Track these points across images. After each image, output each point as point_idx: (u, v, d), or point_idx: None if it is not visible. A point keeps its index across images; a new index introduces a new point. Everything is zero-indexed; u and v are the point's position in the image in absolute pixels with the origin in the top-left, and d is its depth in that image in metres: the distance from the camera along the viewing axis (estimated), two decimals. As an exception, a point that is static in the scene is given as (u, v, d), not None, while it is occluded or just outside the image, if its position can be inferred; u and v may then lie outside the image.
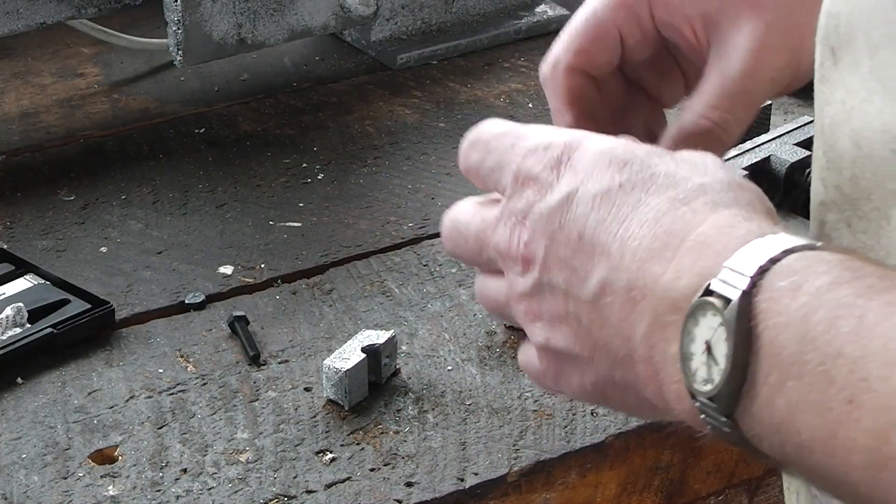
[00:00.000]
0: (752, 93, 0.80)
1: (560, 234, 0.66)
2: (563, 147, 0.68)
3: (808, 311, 0.56)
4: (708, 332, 0.59)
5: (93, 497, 0.90)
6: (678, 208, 0.64)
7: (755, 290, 0.58)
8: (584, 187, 0.67)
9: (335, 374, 0.97)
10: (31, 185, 1.22)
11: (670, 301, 0.61)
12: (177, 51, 1.28)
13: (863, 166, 0.61)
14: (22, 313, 1.02)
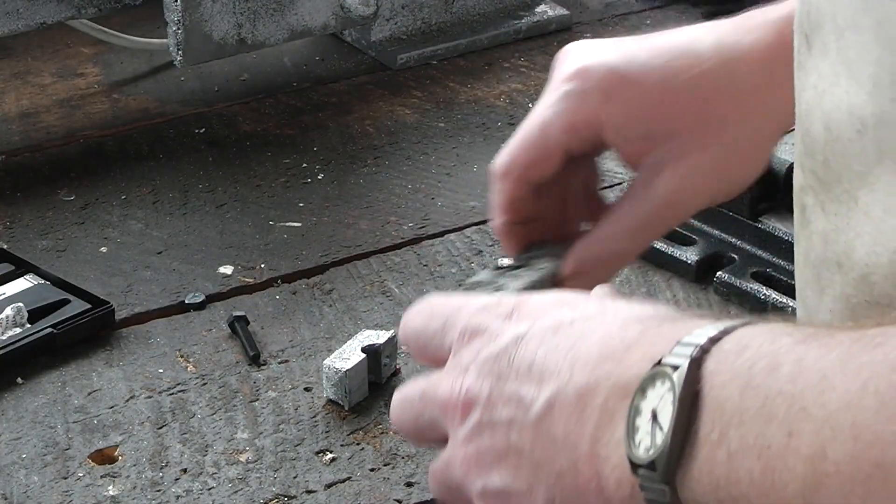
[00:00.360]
0: (657, 228, 0.88)
1: (507, 371, 0.67)
2: (515, 302, 0.70)
3: (752, 363, 0.58)
4: (655, 400, 0.60)
5: (93, 497, 0.90)
6: (629, 326, 0.66)
7: (705, 356, 0.59)
8: (534, 326, 0.69)
9: (335, 374, 0.97)
10: (31, 185, 1.22)
11: (621, 387, 0.62)
12: (177, 51, 1.28)
13: (833, 149, 0.62)
14: (22, 313, 1.02)
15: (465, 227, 1.17)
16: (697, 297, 1.10)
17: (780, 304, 1.07)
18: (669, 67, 0.88)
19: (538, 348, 0.67)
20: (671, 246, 1.13)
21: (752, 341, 0.59)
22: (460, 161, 1.27)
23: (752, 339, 0.60)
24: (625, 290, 1.10)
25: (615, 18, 1.52)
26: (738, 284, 1.09)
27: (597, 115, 0.87)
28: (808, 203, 0.66)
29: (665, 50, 0.88)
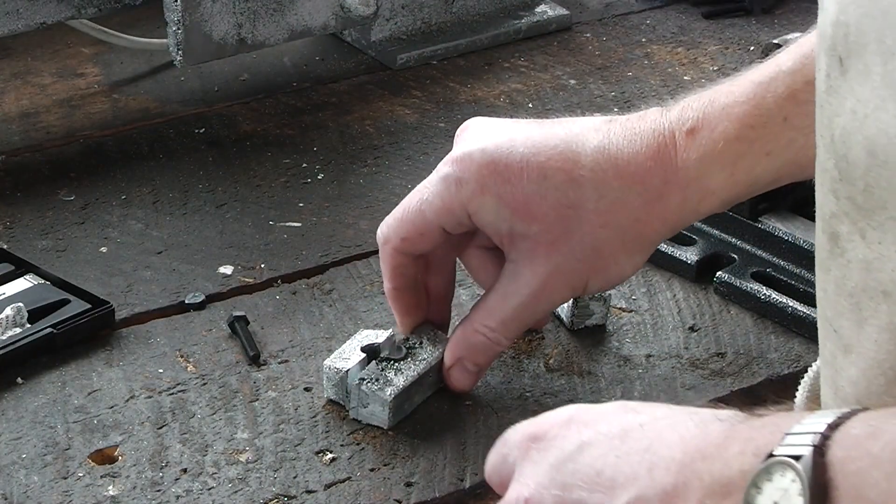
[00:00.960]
0: (526, 320, 0.96)
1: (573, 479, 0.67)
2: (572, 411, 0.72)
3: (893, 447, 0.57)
4: (776, 493, 0.59)
5: (93, 497, 0.90)
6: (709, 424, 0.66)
7: (827, 442, 0.59)
8: (599, 433, 0.69)
9: (335, 374, 0.97)
10: (31, 185, 1.22)
11: (722, 485, 0.61)
12: (177, 51, 1.28)
13: (878, 175, 0.61)
14: (22, 313, 1.02)
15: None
16: (697, 297, 1.10)
17: (780, 304, 1.07)
18: (545, 167, 0.92)
19: (607, 454, 0.66)
20: (671, 246, 1.13)
21: (884, 425, 0.58)
22: (460, 161, 1.27)
23: (882, 422, 0.58)
24: (625, 291, 1.10)
25: (615, 18, 1.52)
26: (738, 284, 1.09)
27: (469, 203, 0.93)
28: (841, 231, 0.64)
29: (549, 146, 0.92)
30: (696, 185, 0.89)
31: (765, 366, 1.04)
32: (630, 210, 0.91)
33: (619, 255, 0.92)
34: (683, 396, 1.00)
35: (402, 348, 0.98)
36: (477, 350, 0.96)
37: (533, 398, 0.99)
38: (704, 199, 0.90)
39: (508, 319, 0.95)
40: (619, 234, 0.91)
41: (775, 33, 1.46)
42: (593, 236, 0.91)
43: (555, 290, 0.93)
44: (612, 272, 0.93)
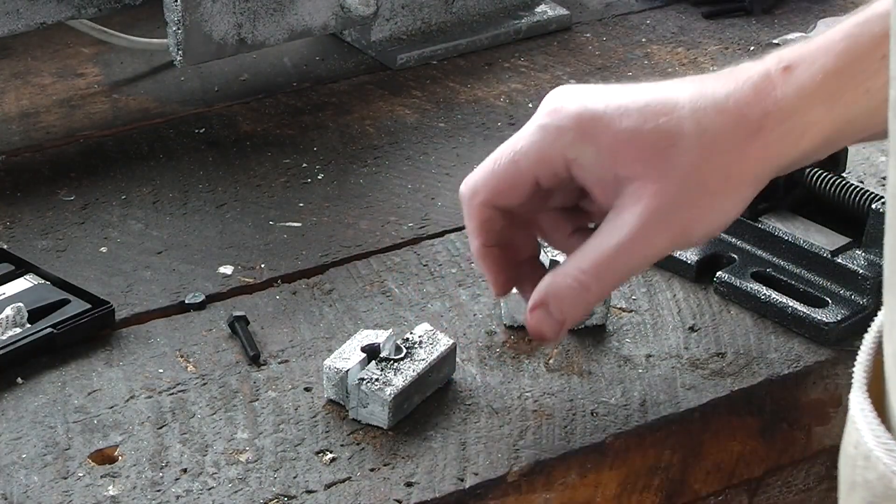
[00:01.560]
0: (621, 268, 0.91)
1: None
2: None
3: None
4: None
5: (93, 497, 0.90)
6: None
7: None
8: None
9: (335, 374, 0.97)
10: (31, 185, 1.22)
11: None
12: (177, 51, 1.28)
13: None
14: (22, 313, 1.02)
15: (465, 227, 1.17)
16: (697, 297, 1.10)
17: (780, 304, 1.07)
18: (644, 112, 0.90)
19: None
20: (671, 246, 1.13)
21: None
22: (460, 161, 1.27)
23: None
24: (625, 291, 1.10)
25: (615, 18, 1.52)
26: (738, 284, 1.09)
27: (568, 151, 0.90)
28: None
29: (644, 96, 0.90)
30: (796, 119, 0.88)
31: (765, 366, 1.04)
32: (731, 143, 0.88)
33: (722, 192, 0.90)
34: (683, 396, 1.00)
35: (402, 348, 0.98)
36: (564, 294, 0.91)
37: (533, 398, 1.00)
38: (805, 134, 0.89)
39: (602, 262, 0.90)
40: (721, 169, 0.89)
41: (775, 33, 1.46)
42: (696, 171, 0.89)
43: (656, 232, 0.89)
44: (716, 213, 0.90)
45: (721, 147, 0.88)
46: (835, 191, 1.11)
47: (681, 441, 1.00)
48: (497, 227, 0.94)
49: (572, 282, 0.91)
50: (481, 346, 1.04)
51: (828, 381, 1.05)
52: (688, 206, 0.89)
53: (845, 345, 1.06)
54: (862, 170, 1.26)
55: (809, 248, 1.09)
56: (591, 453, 0.96)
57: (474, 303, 1.08)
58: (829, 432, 1.08)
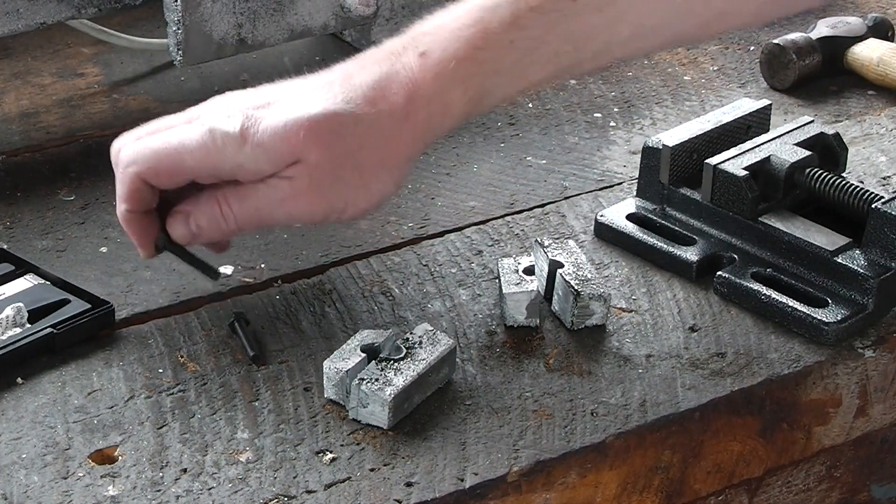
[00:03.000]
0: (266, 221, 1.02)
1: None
2: None
3: None
4: None
5: (93, 497, 0.90)
6: None
7: None
8: None
9: (335, 374, 0.97)
10: (31, 185, 1.22)
11: None
12: (177, 51, 1.28)
13: None
14: (22, 313, 1.02)
15: (465, 227, 1.17)
16: (697, 297, 1.10)
17: (780, 304, 1.07)
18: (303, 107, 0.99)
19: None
20: (671, 246, 1.13)
21: None
22: (460, 161, 1.27)
23: None
24: (625, 291, 1.10)
25: (615, 18, 1.52)
26: (738, 284, 1.09)
27: (237, 157, 0.98)
28: None
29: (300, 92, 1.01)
30: (436, 102, 0.98)
31: (765, 366, 1.04)
32: (384, 131, 0.98)
33: (377, 174, 0.99)
34: (683, 396, 1.00)
35: (402, 348, 0.99)
36: (206, 213, 1.00)
37: (533, 398, 1.00)
38: (446, 113, 0.99)
39: (252, 213, 0.99)
40: (375, 154, 0.98)
41: (775, 33, 1.46)
42: (351, 157, 0.98)
43: (309, 201, 0.98)
44: (371, 192, 0.99)
45: (374, 135, 0.98)
46: (835, 191, 1.11)
47: (681, 441, 1.00)
48: (146, 197, 1.01)
49: (217, 208, 1.00)
50: (481, 346, 1.04)
51: (828, 381, 1.05)
52: (342, 184, 0.98)
53: (845, 345, 1.06)
54: (862, 170, 1.26)
55: (809, 248, 1.09)
56: (591, 453, 0.96)
57: (474, 303, 1.08)
58: (829, 432, 1.08)
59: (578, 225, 1.18)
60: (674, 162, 1.15)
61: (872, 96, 1.40)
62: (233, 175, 0.99)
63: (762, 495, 1.08)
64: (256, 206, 0.99)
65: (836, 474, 1.11)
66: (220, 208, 0.99)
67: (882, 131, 1.33)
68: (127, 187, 1.01)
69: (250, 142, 0.97)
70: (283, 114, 0.97)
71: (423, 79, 0.98)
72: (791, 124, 1.18)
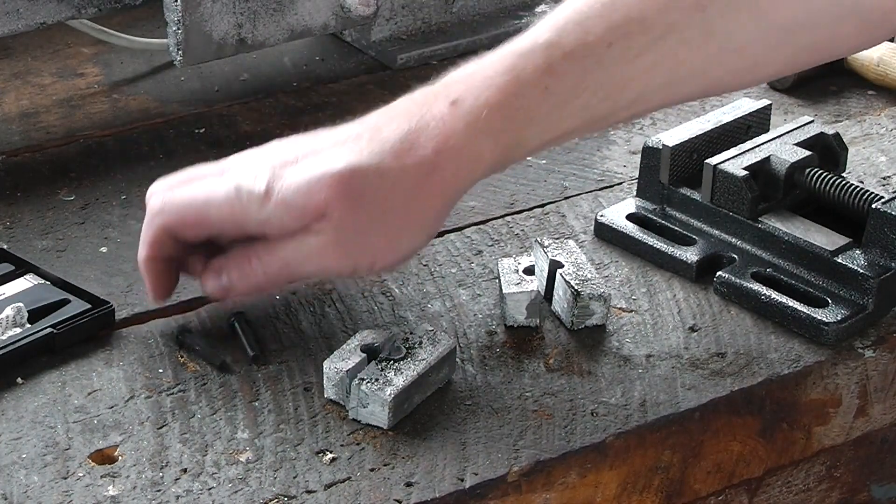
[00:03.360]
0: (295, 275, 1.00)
1: None
2: None
3: None
4: None
5: (93, 497, 0.90)
6: None
7: None
8: None
9: (335, 374, 0.97)
10: (31, 185, 1.22)
11: None
12: (177, 51, 1.28)
13: None
14: (22, 313, 1.02)
15: (465, 227, 1.17)
16: (697, 297, 1.10)
17: (780, 304, 1.07)
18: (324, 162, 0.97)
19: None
20: (671, 246, 1.13)
21: None
22: (460, 161, 1.27)
23: None
24: (625, 291, 1.10)
25: (615, 18, 1.52)
26: (738, 284, 1.09)
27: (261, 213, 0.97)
28: None
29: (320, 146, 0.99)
30: (465, 153, 0.95)
31: (765, 366, 1.04)
32: (410, 184, 0.96)
33: (405, 227, 0.97)
34: (683, 396, 1.00)
35: (402, 348, 0.99)
36: (237, 267, 0.99)
37: (533, 398, 1.00)
38: (476, 165, 0.96)
39: (282, 267, 0.98)
40: (402, 207, 0.96)
41: (775, 33, 1.46)
42: (378, 210, 0.96)
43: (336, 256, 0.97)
44: (401, 244, 0.98)
45: (401, 188, 0.95)
46: (835, 191, 1.11)
47: (681, 441, 1.00)
48: (168, 246, 1.01)
49: (248, 265, 0.99)
50: (481, 346, 1.04)
51: (828, 381, 1.05)
52: (369, 238, 0.96)
53: (845, 345, 1.06)
54: (862, 170, 1.26)
55: (809, 248, 1.09)
56: (591, 453, 0.96)
57: (474, 303, 1.08)
58: (829, 432, 1.08)
59: (578, 225, 1.18)
60: (674, 162, 1.15)
61: (872, 96, 1.40)
62: (259, 231, 0.98)
63: (762, 495, 1.08)
64: (285, 260, 0.97)
65: (836, 474, 1.11)
66: (250, 262, 0.99)
67: (882, 131, 1.33)
68: (151, 235, 1.00)
69: (274, 199, 0.95)
70: (308, 170, 0.95)
71: (454, 129, 0.95)
72: (791, 124, 1.18)
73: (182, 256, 1.02)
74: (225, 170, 1.00)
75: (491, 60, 0.98)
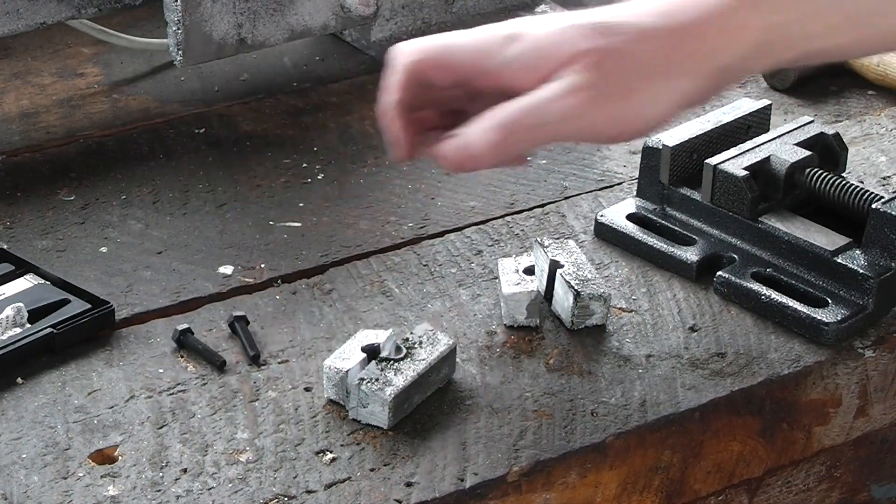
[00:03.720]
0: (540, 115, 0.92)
1: None
2: None
3: None
4: None
5: (93, 497, 0.90)
6: None
7: None
8: None
9: (335, 374, 0.97)
10: (31, 185, 1.22)
11: None
12: (177, 51, 1.28)
13: None
14: (22, 313, 1.02)
15: (465, 227, 1.17)
16: (697, 297, 1.10)
17: (780, 304, 1.07)
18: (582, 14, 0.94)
19: None
20: (671, 246, 1.13)
21: None
22: (460, 161, 1.27)
23: None
24: (625, 291, 1.10)
25: (615, 18, 1.52)
26: (738, 284, 1.09)
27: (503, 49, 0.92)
28: None
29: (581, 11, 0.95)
30: (731, 24, 0.92)
31: (765, 366, 1.04)
32: (668, 33, 0.91)
33: (661, 78, 0.92)
34: (683, 396, 1.00)
35: (402, 348, 0.99)
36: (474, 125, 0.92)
37: (533, 398, 1.00)
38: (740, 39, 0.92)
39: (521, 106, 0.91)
40: (660, 56, 0.91)
41: (775, 33, 1.46)
42: (633, 56, 0.91)
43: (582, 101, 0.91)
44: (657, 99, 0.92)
45: (657, 38, 0.91)
46: (835, 191, 1.11)
47: (681, 441, 1.00)
48: (416, 90, 0.95)
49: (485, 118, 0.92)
50: (481, 346, 1.04)
51: (828, 381, 1.05)
52: (624, 86, 0.91)
53: (845, 345, 1.06)
54: (862, 170, 1.26)
55: (809, 248, 1.09)
56: (591, 453, 0.96)
57: (474, 303, 1.08)
58: (829, 432, 1.08)
59: (578, 225, 1.18)
60: (674, 162, 1.15)
61: (872, 96, 1.40)
62: (502, 72, 0.92)
63: (762, 495, 1.08)
64: (530, 110, 0.91)
65: (836, 474, 1.11)
66: (492, 119, 0.91)
67: (882, 131, 1.33)
68: (398, 77, 0.94)
69: (524, 38, 0.92)
70: (561, 19, 0.92)
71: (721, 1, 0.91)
72: (791, 124, 1.18)
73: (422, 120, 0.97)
74: None
75: None
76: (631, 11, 0.92)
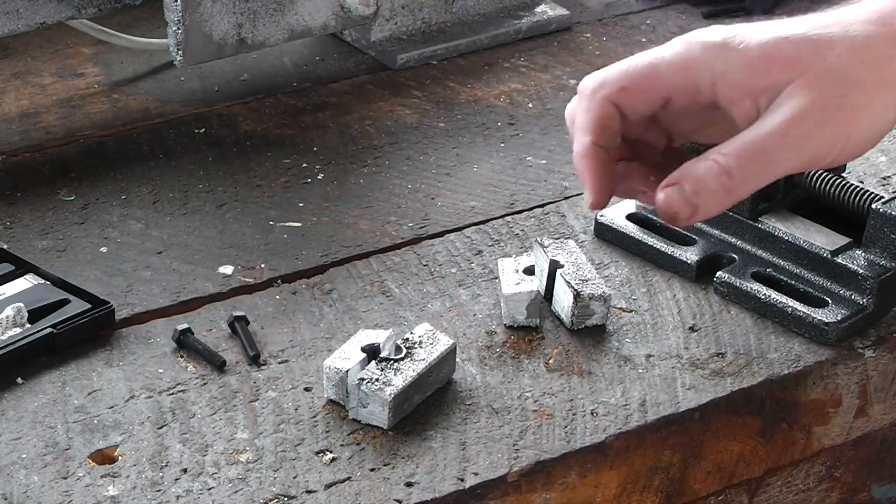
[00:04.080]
0: (769, 153, 0.86)
1: None
2: None
3: None
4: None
5: (93, 497, 0.90)
6: None
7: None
8: None
9: (335, 374, 0.97)
10: (31, 185, 1.22)
11: None
12: (177, 51, 1.28)
13: None
14: (22, 313, 1.02)
15: (465, 227, 1.17)
16: (697, 297, 1.10)
17: (780, 304, 1.07)
18: (787, 26, 0.89)
19: None
20: (671, 246, 1.13)
21: None
22: (460, 161, 1.27)
23: None
24: (625, 291, 1.10)
25: (615, 18, 1.52)
26: (738, 284, 1.09)
27: (717, 64, 0.87)
28: None
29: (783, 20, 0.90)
30: None
31: (765, 366, 1.04)
32: (881, 45, 0.88)
33: (879, 91, 0.88)
34: (683, 396, 1.00)
35: (402, 348, 0.99)
36: (701, 173, 0.87)
37: (533, 398, 1.00)
38: None
39: (750, 148, 0.86)
40: (875, 69, 0.88)
41: (775, 33, 1.46)
42: (850, 71, 0.87)
43: (812, 126, 0.86)
44: (875, 114, 0.88)
45: (872, 49, 0.87)
46: (835, 191, 1.11)
47: (681, 441, 1.00)
48: (613, 128, 0.89)
49: (711, 163, 0.86)
50: (481, 346, 1.04)
51: (828, 381, 1.05)
52: (846, 104, 0.87)
53: (845, 345, 1.06)
54: (862, 170, 1.26)
55: (809, 248, 1.09)
56: (591, 453, 0.96)
57: (474, 303, 1.08)
58: (829, 432, 1.08)
59: (578, 225, 1.18)
60: (674, 162, 1.15)
61: (872, 96, 1.40)
62: (712, 87, 0.88)
63: (762, 495, 1.08)
64: (755, 146, 0.86)
65: (836, 474, 1.11)
66: (712, 161, 0.86)
67: (882, 131, 1.33)
68: (594, 114, 0.89)
69: (734, 49, 0.87)
70: (772, 29, 0.88)
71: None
72: (791, 124, 1.18)
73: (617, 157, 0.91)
74: None
75: None
76: (839, 18, 0.88)
